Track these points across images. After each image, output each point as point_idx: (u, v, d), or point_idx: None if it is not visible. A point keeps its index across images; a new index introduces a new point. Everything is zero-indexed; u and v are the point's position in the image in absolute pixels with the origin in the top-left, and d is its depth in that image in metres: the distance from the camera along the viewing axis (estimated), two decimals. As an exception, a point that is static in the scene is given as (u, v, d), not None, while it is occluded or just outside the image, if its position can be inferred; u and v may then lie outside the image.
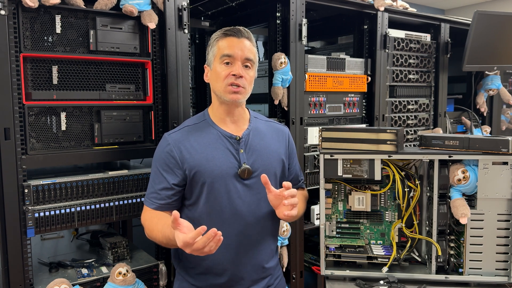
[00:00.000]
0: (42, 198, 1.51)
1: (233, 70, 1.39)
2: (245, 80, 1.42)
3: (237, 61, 1.40)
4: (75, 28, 1.57)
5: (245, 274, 1.46)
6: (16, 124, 1.44)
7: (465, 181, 1.55)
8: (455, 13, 6.04)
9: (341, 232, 1.73)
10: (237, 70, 1.39)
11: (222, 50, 1.41)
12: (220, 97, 1.43)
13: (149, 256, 1.86)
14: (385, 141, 1.57)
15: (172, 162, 1.41)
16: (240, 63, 1.41)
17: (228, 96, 1.41)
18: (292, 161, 1.61)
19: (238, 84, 1.40)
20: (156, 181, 1.43)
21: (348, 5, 2.28)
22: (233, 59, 1.40)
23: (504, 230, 1.55)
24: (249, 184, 1.44)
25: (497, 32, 2.72)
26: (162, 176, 1.42)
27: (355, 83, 2.38)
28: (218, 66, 1.42)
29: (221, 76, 1.40)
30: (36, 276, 1.64)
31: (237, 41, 1.41)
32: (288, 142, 1.60)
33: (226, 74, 1.40)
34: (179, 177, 1.41)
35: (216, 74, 1.42)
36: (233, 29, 1.43)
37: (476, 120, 3.14)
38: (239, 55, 1.40)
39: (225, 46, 1.41)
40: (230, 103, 1.43)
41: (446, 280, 1.58)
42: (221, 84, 1.41)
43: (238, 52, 1.40)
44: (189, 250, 1.16)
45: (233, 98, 1.41)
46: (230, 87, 1.40)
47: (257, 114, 1.60)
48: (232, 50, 1.40)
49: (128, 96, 1.70)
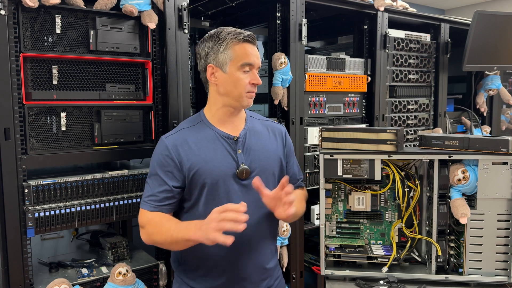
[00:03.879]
0: (42, 198, 1.51)
1: (252, 79, 1.44)
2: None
3: (254, 69, 1.45)
4: (75, 28, 1.57)
5: (245, 276, 1.46)
6: (16, 124, 1.44)
7: (465, 181, 1.55)
8: (455, 13, 6.04)
9: (341, 232, 1.73)
10: (258, 80, 1.45)
11: (242, 58, 1.41)
12: (236, 101, 1.45)
13: (149, 256, 1.86)
14: (385, 141, 1.57)
15: (171, 165, 1.41)
16: (256, 71, 1.46)
17: (246, 102, 1.45)
18: (290, 160, 1.61)
19: (255, 91, 1.46)
20: (155, 184, 1.41)
21: (348, 5, 2.28)
22: (252, 67, 1.44)
23: (504, 230, 1.55)
24: (247, 184, 1.44)
25: (497, 32, 2.72)
26: (162, 179, 1.40)
27: (355, 83, 2.38)
28: (238, 73, 1.42)
29: (243, 84, 1.43)
30: (36, 276, 1.64)
31: (252, 48, 1.45)
32: (285, 141, 1.59)
33: (247, 82, 1.43)
34: (179, 179, 1.41)
35: (234, 79, 1.43)
36: (249, 36, 1.44)
37: (476, 120, 3.14)
38: (257, 64, 1.45)
39: (245, 53, 1.42)
40: (243, 107, 1.48)
41: (446, 280, 1.58)
42: (241, 90, 1.43)
43: (256, 60, 1.45)
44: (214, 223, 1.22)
45: (250, 102, 1.47)
46: (249, 93, 1.45)
47: (253, 114, 1.60)
48: (252, 59, 1.43)
49: (128, 96, 1.70)
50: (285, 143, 1.59)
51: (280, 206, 1.36)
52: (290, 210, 1.34)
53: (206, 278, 1.46)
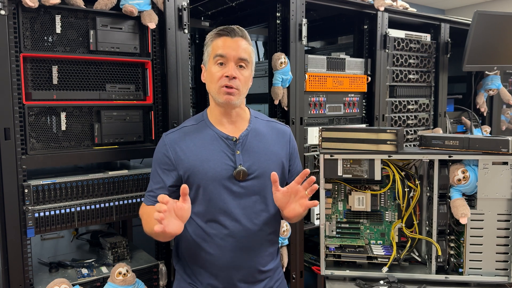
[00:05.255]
0: (42, 198, 1.51)
1: (226, 72, 1.38)
2: (239, 81, 1.39)
3: (231, 62, 1.38)
4: (75, 28, 1.57)
5: (240, 277, 1.45)
6: (16, 124, 1.44)
7: (465, 181, 1.55)
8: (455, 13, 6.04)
9: (341, 232, 1.73)
10: (229, 71, 1.37)
11: (215, 50, 1.40)
12: (215, 98, 1.43)
13: (149, 256, 1.86)
14: (385, 141, 1.57)
15: (167, 163, 1.42)
16: (233, 64, 1.38)
17: (222, 98, 1.39)
18: (293, 162, 1.59)
19: (231, 85, 1.38)
20: (154, 181, 1.45)
21: (348, 5, 2.28)
22: (226, 60, 1.38)
23: (504, 230, 1.55)
24: (245, 186, 1.43)
25: (497, 32, 2.72)
26: (159, 176, 1.43)
27: (355, 83, 2.38)
28: (212, 66, 1.41)
29: (215, 77, 1.39)
30: (36, 276, 1.64)
31: (231, 41, 1.39)
32: (290, 143, 1.57)
33: (220, 75, 1.38)
34: (174, 178, 1.42)
35: (210, 74, 1.41)
36: (226, 29, 1.41)
37: (476, 120, 3.14)
38: (232, 55, 1.38)
39: (219, 46, 1.39)
40: (224, 104, 1.41)
41: (446, 280, 1.58)
42: (215, 86, 1.40)
43: (231, 52, 1.38)
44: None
45: (227, 99, 1.39)
46: (223, 88, 1.38)
47: (258, 114, 1.58)
48: (225, 50, 1.38)
49: (128, 96, 1.70)
50: (290, 145, 1.57)
51: (293, 201, 1.34)
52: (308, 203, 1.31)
53: (203, 276, 1.46)
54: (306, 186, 1.31)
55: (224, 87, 1.38)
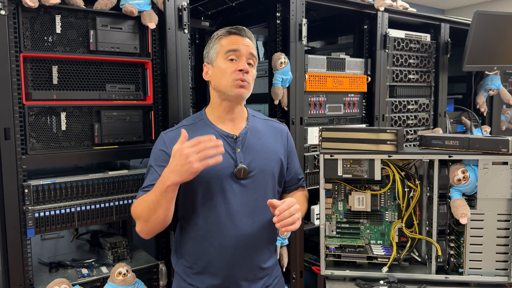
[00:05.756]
0: (42, 198, 1.51)
1: (239, 66, 1.41)
2: (249, 76, 1.44)
3: (243, 57, 1.43)
4: (75, 28, 1.57)
5: (241, 275, 1.45)
6: (16, 124, 1.44)
7: (465, 181, 1.55)
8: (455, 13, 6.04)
9: (341, 232, 1.73)
10: (244, 65, 1.42)
11: (227, 46, 1.43)
12: (225, 92, 1.43)
13: (149, 256, 1.86)
14: (385, 141, 1.57)
15: (166, 160, 1.41)
16: (245, 59, 1.43)
17: (235, 90, 1.41)
18: (291, 160, 1.61)
19: (245, 79, 1.42)
20: (150, 178, 1.43)
21: (348, 5, 2.28)
22: (239, 55, 1.43)
23: (504, 230, 1.55)
24: (245, 183, 1.44)
25: (497, 32, 2.72)
26: (156, 173, 1.41)
27: (355, 83, 2.38)
28: (223, 62, 1.43)
29: (227, 72, 1.42)
30: (36, 276, 1.64)
31: (241, 39, 1.45)
32: (287, 141, 1.59)
33: (233, 69, 1.41)
34: None
35: (221, 70, 1.43)
36: (237, 28, 1.46)
37: (476, 120, 3.14)
38: (245, 51, 1.43)
39: (232, 42, 1.44)
40: (234, 98, 1.44)
41: (446, 280, 1.58)
42: (227, 79, 1.42)
43: (243, 48, 1.43)
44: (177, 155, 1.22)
45: (240, 92, 1.42)
46: (237, 81, 1.41)
47: (256, 113, 1.60)
48: (238, 45, 1.43)
49: (128, 96, 1.70)
50: (287, 143, 1.59)
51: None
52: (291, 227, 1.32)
53: (203, 275, 1.46)
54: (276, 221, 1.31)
55: (238, 80, 1.41)
